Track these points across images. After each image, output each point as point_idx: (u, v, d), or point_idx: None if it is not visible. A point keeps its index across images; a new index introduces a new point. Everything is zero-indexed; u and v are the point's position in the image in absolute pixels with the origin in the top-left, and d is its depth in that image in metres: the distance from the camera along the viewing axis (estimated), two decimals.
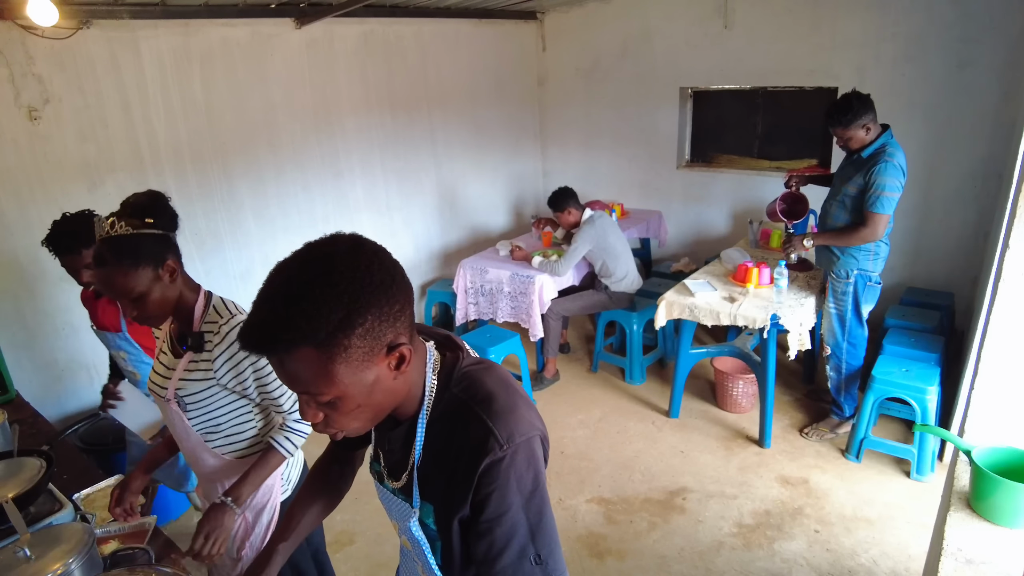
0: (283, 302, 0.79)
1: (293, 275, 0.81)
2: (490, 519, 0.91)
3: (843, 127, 2.96)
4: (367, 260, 0.83)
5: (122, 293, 1.45)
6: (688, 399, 3.88)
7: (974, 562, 1.39)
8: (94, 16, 3.02)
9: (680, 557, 2.72)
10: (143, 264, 1.45)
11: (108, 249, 1.42)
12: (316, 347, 0.79)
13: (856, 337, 3.25)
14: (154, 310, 1.50)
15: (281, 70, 3.83)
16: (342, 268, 0.80)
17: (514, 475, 0.90)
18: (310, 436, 1.65)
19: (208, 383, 1.57)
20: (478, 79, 5.22)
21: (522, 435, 0.91)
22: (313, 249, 0.84)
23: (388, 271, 0.84)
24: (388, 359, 0.86)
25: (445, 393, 0.97)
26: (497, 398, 0.93)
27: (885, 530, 2.78)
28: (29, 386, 3.01)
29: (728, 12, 4.60)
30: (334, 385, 0.82)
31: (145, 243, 1.45)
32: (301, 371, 0.81)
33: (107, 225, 1.43)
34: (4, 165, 2.89)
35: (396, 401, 0.94)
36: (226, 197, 3.72)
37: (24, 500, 1.60)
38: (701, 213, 5.26)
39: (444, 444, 0.96)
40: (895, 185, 2.91)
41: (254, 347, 0.80)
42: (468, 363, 1.00)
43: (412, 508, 1.01)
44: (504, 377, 0.99)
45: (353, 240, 0.85)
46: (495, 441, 0.89)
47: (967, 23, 3.79)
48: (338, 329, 0.79)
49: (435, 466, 0.97)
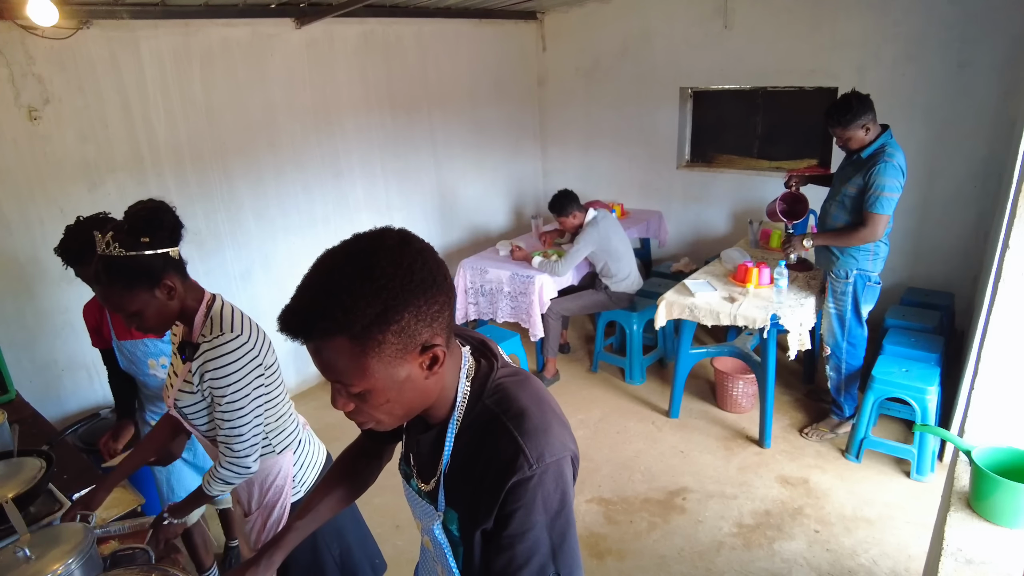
0: (323, 291, 0.80)
1: (337, 265, 0.82)
2: (512, 535, 0.90)
3: (842, 127, 2.96)
4: (411, 258, 0.83)
5: (118, 310, 1.45)
6: (688, 399, 3.88)
7: (974, 562, 1.39)
8: (94, 16, 3.01)
9: (680, 557, 2.72)
10: (137, 286, 1.43)
11: (103, 269, 1.41)
12: (350, 339, 0.80)
13: (856, 337, 3.25)
14: (153, 324, 1.50)
15: (281, 70, 3.83)
16: (385, 263, 0.81)
17: (541, 495, 0.89)
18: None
19: (196, 395, 1.57)
20: (478, 79, 5.22)
21: (552, 456, 0.90)
22: (360, 241, 0.84)
23: (431, 270, 0.84)
24: (421, 359, 0.86)
25: (478, 403, 0.96)
26: (530, 416, 0.92)
27: (885, 530, 2.78)
28: (29, 386, 3.01)
29: (728, 12, 4.60)
30: (365, 378, 0.84)
31: (139, 265, 1.42)
32: (334, 360, 0.82)
33: (103, 243, 1.40)
34: (4, 165, 2.89)
35: (427, 401, 0.94)
36: (226, 197, 3.72)
37: (24, 500, 1.60)
38: (701, 213, 5.26)
39: (473, 455, 0.95)
40: (894, 186, 2.91)
41: (292, 331, 0.81)
42: (503, 374, 0.98)
43: (437, 512, 1.01)
44: (538, 392, 0.98)
45: (400, 236, 0.86)
46: (524, 460, 0.88)
47: (967, 23, 3.79)
48: (373, 323, 0.80)
49: (462, 476, 0.97)
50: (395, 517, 3.01)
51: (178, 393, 1.59)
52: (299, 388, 4.35)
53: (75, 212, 3.09)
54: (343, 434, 3.78)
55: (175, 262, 1.51)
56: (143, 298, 1.44)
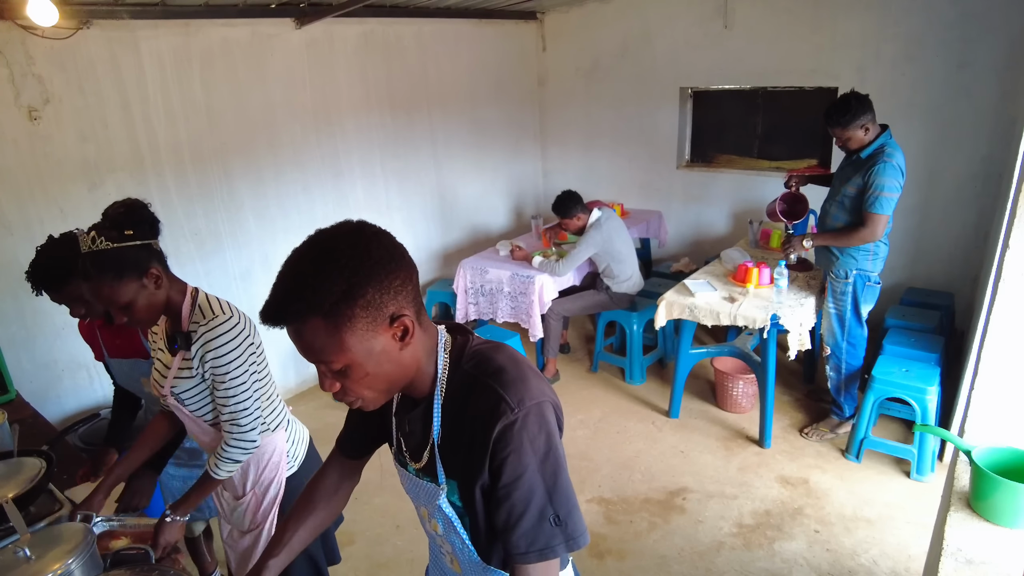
0: (291, 278, 0.89)
1: (303, 255, 0.90)
2: (507, 483, 0.94)
3: (842, 127, 2.96)
4: (367, 239, 0.91)
5: (109, 304, 1.50)
6: (688, 399, 3.88)
7: (974, 562, 1.39)
8: (94, 16, 3.01)
9: (680, 557, 2.72)
10: (127, 276, 1.49)
11: (91, 264, 1.46)
12: (323, 317, 0.87)
13: (855, 337, 3.25)
14: (143, 315, 1.56)
15: (281, 70, 3.83)
16: (343, 246, 0.89)
17: (527, 436, 0.94)
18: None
19: (195, 380, 1.64)
20: (478, 79, 5.22)
21: (532, 399, 0.95)
22: (320, 233, 0.92)
23: (387, 249, 0.91)
24: (392, 330, 0.93)
25: (457, 371, 1.02)
26: (507, 370, 0.98)
27: (885, 530, 2.78)
28: (29, 386, 3.01)
29: (728, 12, 4.60)
30: (342, 353, 0.89)
31: (126, 256, 1.49)
32: (313, 341, 0.89)
33: (88, 240, 1.47)
34: (4, 165, 2.89)
35: (407, 374, 0.99)
36: (226, 197, 3.72)
37: (24, 500, 1.60)
38: (701, 213, 5.26)
39: (458, 417, 1.00)
40: (894, 186, 2.91)
41: (271, 320, 0.88)
42: (478, 342, 1.05)
43: (439, 486, 1.05)
44: (513, 354, 1.03)
45: (356, 224, 0.94)
46: (506, 405, 0.94)
47: (967, 23, 3.79)
48: (341, 300, 0.86)
49: (453, 440, 1.02)
50: (395, 517, 3.01)
51: (175, 381, 1.65)
52: (299, 388, 4.36)
53: (75, 212, 3.12)
54: None
55: (158, 253, 1.59)
56: (132, 288, 1.50)
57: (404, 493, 1.17)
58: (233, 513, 1.87)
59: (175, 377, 1.65)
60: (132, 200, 1.59)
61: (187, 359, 1.63)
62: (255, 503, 1.81)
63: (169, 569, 1.44)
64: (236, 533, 1.89)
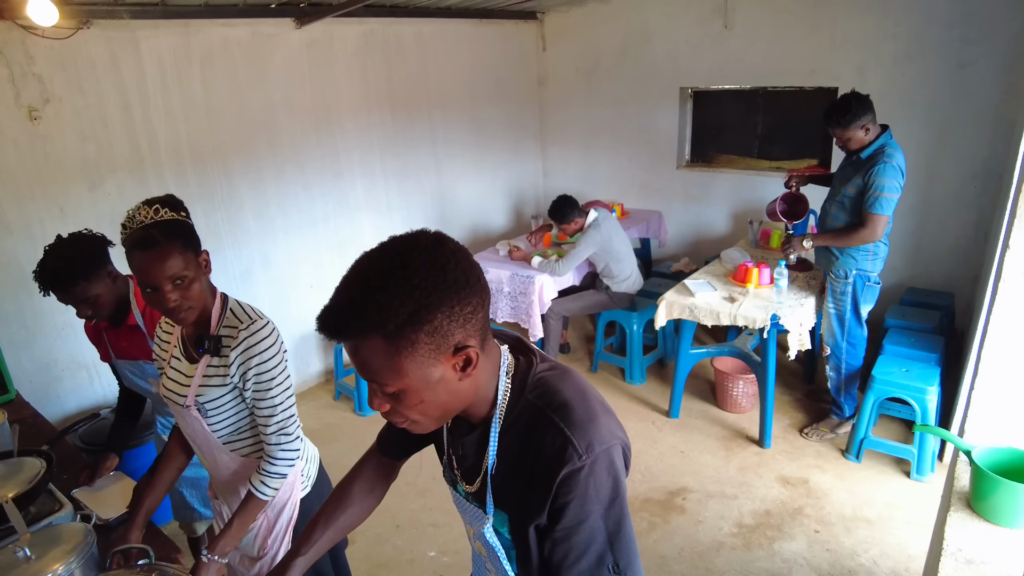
0: (359, 291, 0.81)
1: (372, 265, 0.83)
2: (568, 527, 0.90)
3: (842, 128, 2.96)
4: (444, 258, 0.83)
5: (170, 275, 1.42)
6: (688, 399, 3.88)
7: (974, 562, 1.39)
8: (94, 16, 3.01)
9: (680, 557, 2.72)
10: (191, 248, 1.47)
11: (160, 231, 1.41)
12: (385, 338, 0.81)
13: (855, 337, 3.25)
14: (194, 300, 1.49)
15: (281, 70, 3.83)
16: (418, 264, 0.81)
17: (593, 484, 0.89)
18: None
19: (226, 388, 1.55)
20: (478, 79, 5.22)
21: (602, 444, 0.90)
22: (395, 242, 0.85)
23: (463, 271, 0.84)
24: (455, 360, 0.86)
25: (520, 399, 0.95)
26: (574, 407, 0.91)
27: (885, 530, 2.78)
28: (29, 386, 3.01)
29: (728, 12, 4.60)
30: (399, 377, 0.84)
31: (189, 229, 1.49)
32: (370, 360, 0.83)
33: (151, 211, 1.43)
34: (4, 165, 2.89)
35: (463, 403, 0.94)
36: (226, 197, 3.72)
37: (24, 500, 1.60)
38: (701, 213, 5.26)
39: (520, 452, 0.94)
40: (894, 186, 2.91)
41: (329, 331, 0.82)
42: (542, 368, 0.98)
43: (486, 515, 1.01)
44: (580, 384, 0.97)
45: (435, 237, 0.86)
46: (573, 450, 0.88)
47: (967, 23, 3.79)
48: (407, 323, 0.80)
49: (510, 474, 0.96)
50: (395, 517, 3.01)
51: (201, 389, 1.55)
52: (299, 388, 4.35)
53: (75, 212, 3.12)
54: (342, 434, 3.81)
55: None
56: (194, 264, 1.47)
57: (404, 493, 1.16)
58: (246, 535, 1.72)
59: (201, 385, 1.55)
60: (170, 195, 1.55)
61: (218, 365, 1.54)
62: (267, 527, 1.70)
63: (169, 568, 1.44)
64: (246, 560, 1.75)
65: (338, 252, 4.39)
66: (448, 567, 2.76)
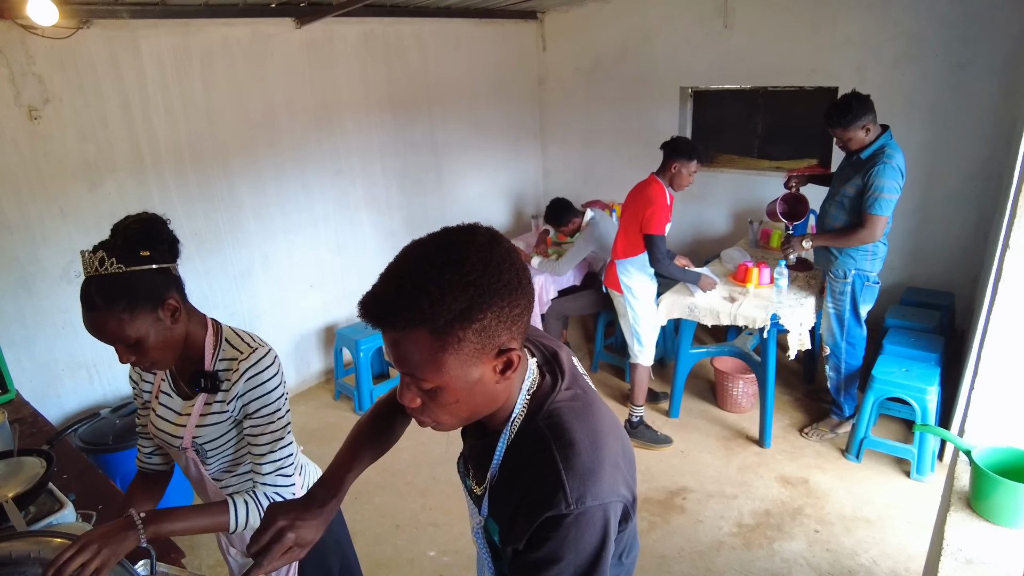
0: (411, 281, 0.78)
1: (427, 256, 0.80)
2: (537, 560, 0.87)
3: (842, 128, 2.96)
4: (500, 257, 0.81)
5: (116, 340, 1.26)
6: (688, 399, 3.88)
7: (974, 562, 1.39)
8: (94, 16, 3.01)
9: (680, 557, 2.72)
10: (140, 307, 1.26)
11: (97, 291, 1.22)
12: (432, 332, 0.79)
13: (855, 337, 3.25)
14: (156, 356, 1.32)
15: (281, 70, 3.83)
16: (475, 260, 0.79)
17: (575, 534, 0.85)
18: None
19: (225, 424, 1.43)
20: (478, 79, 5.21)
21: (596, 500, 0.86)
22: (451, 234, 0.83)
23: (516, 272, 0.82)
24: (496, 361, 0.85)
25: (532, 422, 0.93)
26: (580, 451, 0.87)
27: (885, 530, 2.78)
28: (29, 386, 3.01)
29: (728, 12, 4.59)
30: (439, 374, 0.82)
31: (141, 282, 1.26)
32: (412, 353, 0.81)
33: (96, 261, 1.23)
34: (4, 165, 2.89)
35: (492, 407, 0.92)
36: (226, 197, 3.72)
37: (24, 500, 1.59)
38: (701, 213, 5.26)
39: (516, 475, 0.93)
40: (893, 187, 2.91)
41: (374, 319, 0.80)
42: (564, 397, 0.94)
43: (479, 515, 1.01)
44: (596, 426, 0.92)
45: (491, 234, 0.84)
46: (563, 497, 0.84)
47: (967, 23, 3.79)
48: (457, 319, 0.78)
49: (504, 493, 0.95)
50: (395, 517, 3.01)
51: (199, 430, 1.42)
52: (299, 388, 4.35)
53: (75, 212, 3.13)
54: (342, 434, 3.78)
55: (176, 279, 1.36)
56: (146, 323, 1.27)
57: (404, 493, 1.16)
58: (241, 571, 1.66)
59: (199, 426, 1.41)
60: (148, 215, 1.35)
61: (212, 402, 1.41)
62: None
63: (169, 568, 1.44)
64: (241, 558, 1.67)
65: (338, 252, 4.39)
66: (448, 567, 2.76)
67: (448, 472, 1.80)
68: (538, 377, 0.96)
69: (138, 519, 1.22)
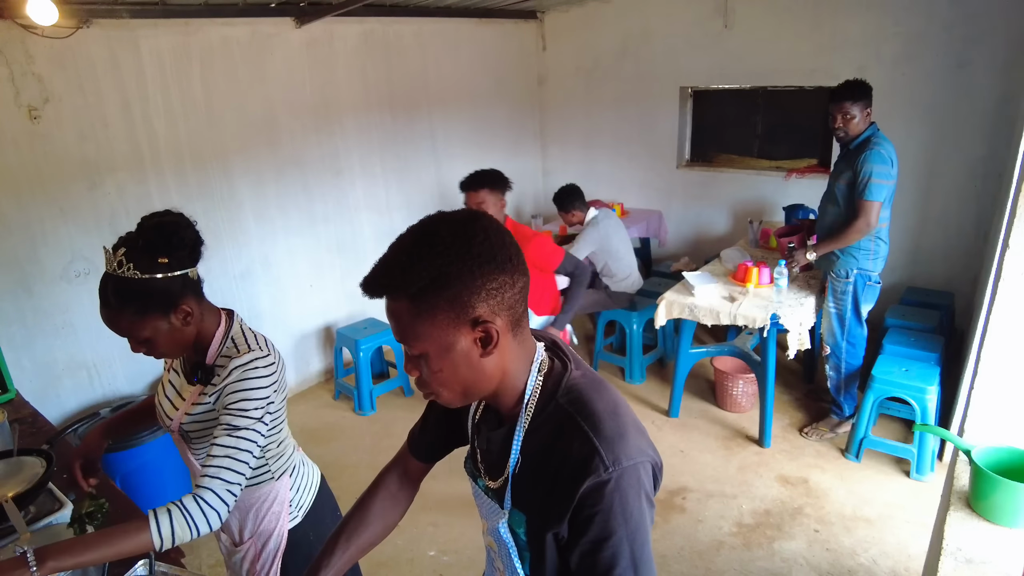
0: (392, 254, 0.88)
1: (410, 232, 0.90)
2: (593, 541, 0.89)
3: (852, 100, 3.01)
4: (473, 232, 0.87)
5: (127, 335, 1.33)
6: (688, 399, 3.88)
7: (974, 562, 1.39)
8: (94, 15, 3.01)
9: (680, 557, 2.72)
10: (151, 312, 1.31)
11: (113, 291, 1.28)
12: (409, 300, 0.86)
13: (855, 337, 3.25)
14: (166, 349, 1.38)
15: (281, 70, 3.83)
16: (445, 233, 0.86)
17: (619, 500, 0.87)
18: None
19: (208, 415, 1.45)
20: (478, 79, 5.21)
21: (629, 459, 0.88)
22: (434, 215, 0.91)
23: (492, 247, 0.87)
24: (474, 333, 0.88)
25: (551, 401, 0.95)
26: (605, 419, 0.91)
27: (885, 530, 2.78)
28: (29, 386, 3.01)
29: (728, 12, 4.59)
30: (418, 340, 0.88)
31: (155, 289, 1.29)
32: (398, 319, 0.89)
33: (115, 260, 1.27)
34: (4, 165, 2.89)
35: (487, 384, 0.94)
36: (226, 197, 3.72)
37: (24, 500, 1.59)
38: (701, 213, 5.26)
39: (545, 456, 0.93)
40: (882, 172, 2.93)
41: (366, 288, 0.88)
42: (577, 375, 0.97)
43: (502, 511, 1.00)
44: (612, 397, 0.96)
45: (471, 214, 0.91)
46: (600, 461, 0.87)
47: (967, 23, 3.79)
48: (429, 287, 0.85)
49: (533, 476, 0.96)
50: None
51: (187, 416, 1.46)
52: (299, 388, 4.35)
53: (75, 212, 3.12)
54: (342, 433, 3.81)
55: (193, 283, 1.38)
56: (155, 325, 1.32)
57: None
58: (231, 558, 1.68)
59: (188, 413, 1.46)
60: (175, 217, 1.36)
61: (206, 393, 1.44)
62: (254, 553, 1.61)
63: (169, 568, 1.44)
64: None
65: (338, 252, 4.39)
66: (448, 567, 2.76)
67: (448, 472, 1.79)
68: (547, 360, 0.99)
69: (31, 557, 1.12)
